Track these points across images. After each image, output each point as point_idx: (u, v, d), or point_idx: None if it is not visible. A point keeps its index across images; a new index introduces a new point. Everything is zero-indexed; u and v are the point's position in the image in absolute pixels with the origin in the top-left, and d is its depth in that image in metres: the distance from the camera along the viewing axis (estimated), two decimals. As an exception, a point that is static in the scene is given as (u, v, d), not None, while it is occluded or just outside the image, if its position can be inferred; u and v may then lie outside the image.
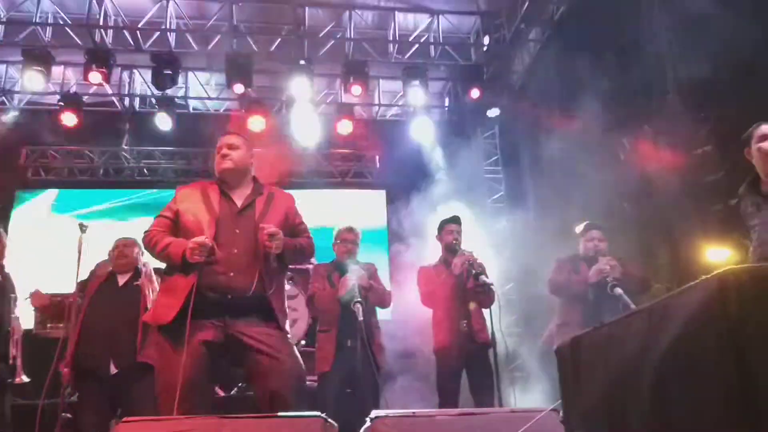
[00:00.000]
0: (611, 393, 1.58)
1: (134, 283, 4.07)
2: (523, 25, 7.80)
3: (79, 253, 4.00)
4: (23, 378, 4.15)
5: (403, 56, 8.49)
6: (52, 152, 9.12)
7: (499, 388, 4.01)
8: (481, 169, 9.24)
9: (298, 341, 6.01)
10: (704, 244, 5.11)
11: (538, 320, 6.49)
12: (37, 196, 9.05)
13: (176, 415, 2.56)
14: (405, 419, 2.59)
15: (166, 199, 3.35)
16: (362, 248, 4.89)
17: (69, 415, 4.04)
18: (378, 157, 9.58)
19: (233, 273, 2.90)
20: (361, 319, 4.10)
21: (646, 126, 5.74)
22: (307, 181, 9.32)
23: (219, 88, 9.08)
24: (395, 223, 8.32)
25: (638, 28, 5.96)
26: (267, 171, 3.61)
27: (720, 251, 4.86)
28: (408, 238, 7.14)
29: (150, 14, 7.94)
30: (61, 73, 8.57)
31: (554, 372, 4.20)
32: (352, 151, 9.57)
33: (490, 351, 4.22)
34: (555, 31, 7.64)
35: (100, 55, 7.65)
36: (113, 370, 3.87)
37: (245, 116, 8.36)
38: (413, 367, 6.01)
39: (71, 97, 8.26)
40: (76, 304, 4.08)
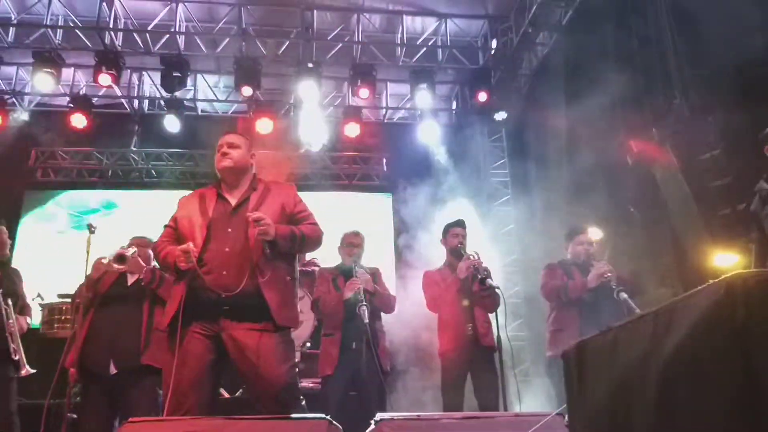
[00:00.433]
0: (616, 397, 1.57)
1: (142, 284, 4.06)
2: (530, 29, 7.81)
3: (87, 254, 4.01)
4: (29, 369, 4.11)
5: (411, 59, 8.51)
6: (61, 153, 9.17)
7: (504, 392, 4.00)
8: (488, 173, 9.23)
9: (303, 343, 6.01)
10: (711, 248, 5.08)
11: (544, 325, 6.47)
12: (45, 196, 9.09)
13: (169, 416, 2.56)
14: (410, 422, 2.59)
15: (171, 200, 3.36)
16: (368, 251, 4.89)
17: (75, 415, 4.05)
18: (385, 160, 9.59)
19: (225, 271, 2.90)
20: (366, 322, 4.09)
21: (653, 130, 5.72)
22: (313, 184, 9.34)
23: (227, 90, 9.12)
24: (401, 226, 8.32)
25: (645, 32, 5.95)
26: (273, 172, 3.61)
27: (727, 256, 4.84)
28: (414, 241, 7.14)
29: (159, 17, 7.99)
30: (71, 75, 8.62)
31: (559, 378, 4.23)
32: (359, 153, 9.57)
33: (495, 355, 4.21)
34: (562, 35, 7.63)
35: (109, 57, 7.71)
36: (113, 370, 3.83)
37: (253, 119, 8.39)
38: (418, 371, 6.00)
39: (81, 98, 8.30)
40: (82, 303, 4.08)
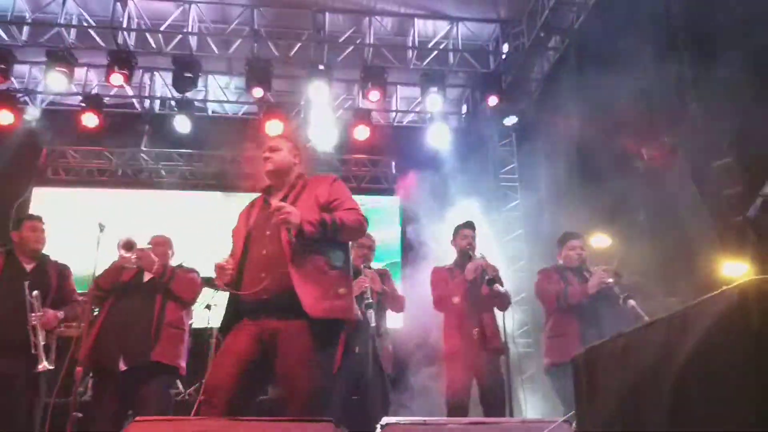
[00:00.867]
0: (628, 404, 1.55)
1: (161, 281, 4.07)
2: (542, 33, 7.78)
3: (97, 252, 4.01)
4: (46, 365, 4.04)
5: (422, 63, 8.52)
6: (72, 152, 9.22)
7: (511, 397, 3.98)
8: (498, 177, 9.21)
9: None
10: (722, 257, 5.04)
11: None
12: (56, 194, 9.13)
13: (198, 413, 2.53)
14: (416, 427, 2.57)
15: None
16: (376, 253, 4.88)
17: (80, 414, 4.05)
18: (394, 163, 9.58)
19: (264, 273, 2.87)
20: (372, 324, 4.08)
21: (665, 136, 5.68)
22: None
23: (238, 91, 9.15)
24: (410, 229, 8.30)
25: (659, 37, 5.91)
26: None
27: (737, 265, 4.79)
28: (422, 244, 7.12)
29: (172, 17, 8.04)
30: (83, 75, 8.67)
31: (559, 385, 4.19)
32: (368, 156, 9.57)
33: (502, 359, 4.19)
34: (574, 40, 7.61)
35: (122, 57, 7.75)
36: (123, 366, 3.84)
37: (263, 120, 8.41)
38: (422, 374, 5.97)
39: (93, 98, 8.35)
40: (90, 302, 4.09)
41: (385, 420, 2.55)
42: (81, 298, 4.46)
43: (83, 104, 8.26)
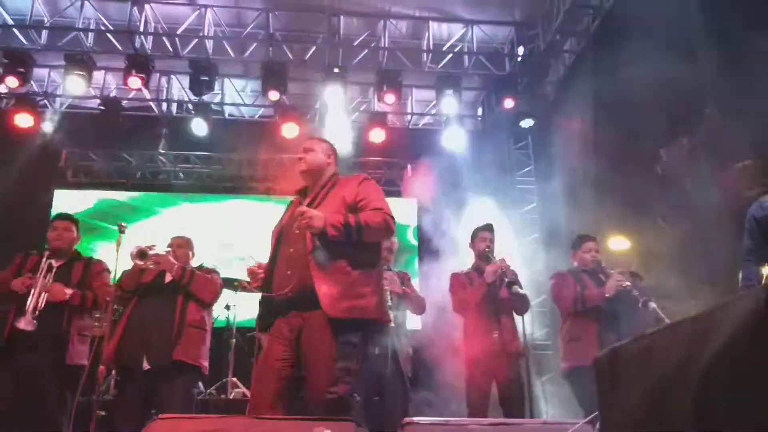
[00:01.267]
0: (652, 406, 1.55)
1: (180, 283, 4.11)
2: (558, 36, 7.77)
3: (117, 253, 4.06)
4: (23, 323, 3.87)
5: (437, 65, 8.52)
6: (91, 155, 9.33)
7: (531, 400, 3.97)
8: (514, 180, 9.19)
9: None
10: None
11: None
12: (75, 197, 9.23)
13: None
14: (437, 427, 2.58)
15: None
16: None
17: (103, 413, 4.10)
18: (409, 166, 9.59)
19: (290, 271, 2.91)
20: (392, 326, 4.09)
21: (684, 138, 5.64)
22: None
23: (254, 95, 9.21)
24: (426, 232, 8.31)
25: (676, 38, 5.88)
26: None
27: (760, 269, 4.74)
28: (438, 247, 7.13)
29: (188, 21, 8.11)
30: (101, 78, 8.77)
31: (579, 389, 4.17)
32: (383, 159, 9.59)
33: (522, 362, 4.18)
34: (590, 42, 7.58)
35: (139, 60, 7.83)
36: (146, 366, 3.89)
37: (279, 123, 8.46)
38: (442, 376, 5.97)
39: (111, 101, 8.45)
40: (113, 302, 4.14)
41: (406, 419, 2.56)
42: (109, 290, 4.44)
43: (101, 107, 8.36)
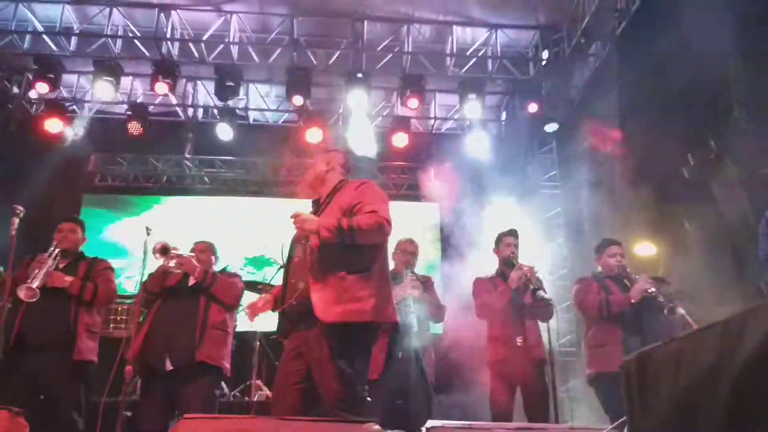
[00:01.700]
0: (683, 411, 1.53)
1: (202, 286, 4.16)
2: (583, 39, 7.71)
3: (144, 255, 4.12)
4: (24, 290, 3.93)
5: (461, 70, 8.50)
6: (119, 159, 9.47)
7: (555, 406, 3.93)
8: (538, 185, 9.12)
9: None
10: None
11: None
12: (103, 200, 9.39)
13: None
14: (461, 430, 2.56)
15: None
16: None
17: (129, 413, 4.15)
18: (433, 170, 9.57)
19: (294, 280, 3.00)
20: (415, 330, 4.08)
21: (711, 141, 5.56)
22: (361, 193, 9.38)
23: (278, 100, 9.27)
24: (449, 236, 8.29)
25: (702, 42, 5.81)
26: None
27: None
28: (461, 252, 7.10)
29: (214, 27, 8.19)
30: (128, 84, 8.91)
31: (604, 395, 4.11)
32: (407, 163, 9.59)
33: (546, 368, 4.14)
34: (616, 46, 7.51)
35: (166, 66, 7.94)
36: (169, 366, 3.94)
37: (303, 128, 8.51)
38: (465, 381, 5.94)
39: (138, 106, 8.58)
40: (139, 303, 4.20)
41: (430, 423, 2.56)
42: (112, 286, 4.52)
43: (129, 113, 8.49)
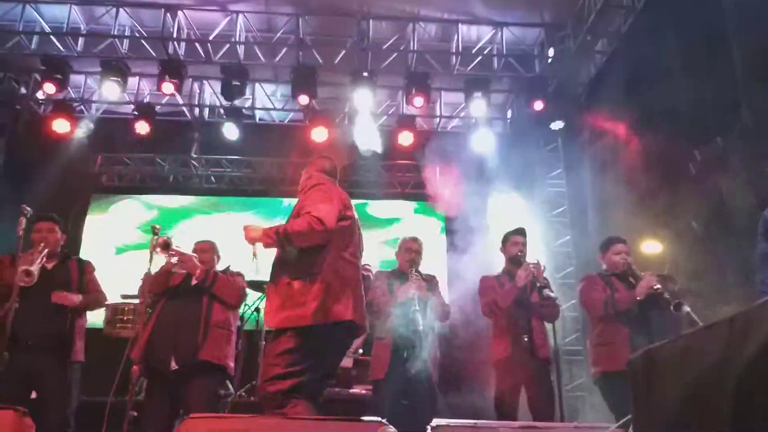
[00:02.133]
0: (689, 409, 1.52)
1: (203, 286, 4.18)
2: (589, 36, 7.69)
3: (150, 255, 4.13)
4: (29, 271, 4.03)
5: (466, 68, 8.49)
6: (126, 159, 9.51)
7: (561, 405, 3.92)
8: (544, 183, 9.11)
9: (356, 350, 6.03)
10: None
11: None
12: (110, 200, 9.43)
13: None
14: (466, 429, 2.56)
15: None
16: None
17: (135, 413, 4.16)
18: (438, 169, 9.56)
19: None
20: (420, 329, 4.08)
21: (718, 139, 5.53)
22: (366, 192, 9.41)
23: (284, 99, 9.29)
24: (454, 235, 8.28)
25: (709, 39, 5.78)
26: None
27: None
28: (467, 251, 7.09)
29: (220, 27, 8.22)
30: (135, 84, 8.94)
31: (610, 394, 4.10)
32: (412, 162, 9.59)
33: (551, 367, 4.14)
34: (622, 43, 7.48)
35: (172, 66, 7.96)
36: (173, 366, 3.96)
37: (309, 127, 8.52)
38: (469, 380, 5.95)
39: (144, 106, 8.61)
40: (144, 303, 4.22)
41: (435, 422, 2.56)
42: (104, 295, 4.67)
43: (136, 113, 8.52)
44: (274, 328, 3.01)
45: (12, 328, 3.93)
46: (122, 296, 6.69)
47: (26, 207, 4.11)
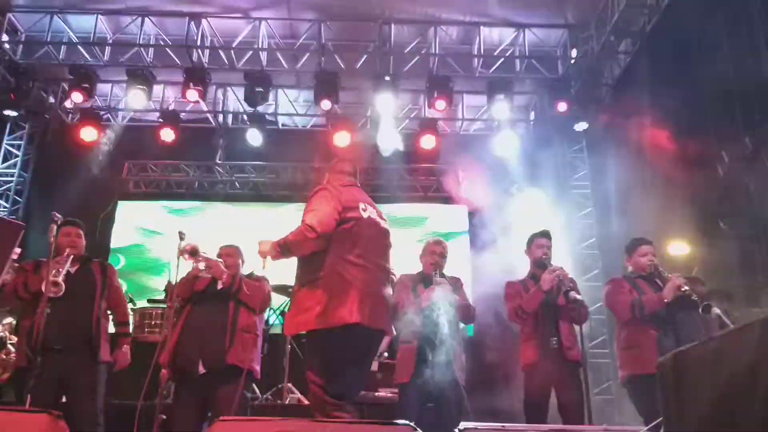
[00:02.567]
0: (720, 411, 1.51)
1: (230, 291, 4.21)
2: (612, 37, 7.62)
3: (177, 260, 4.18)
4: None
5: (488, 70, 8.47)
6: (152, 166, 9.64)
7: (589, 407, 3.88)
8: (569, 184, 9.04)
9: (380, 353, 6.03)
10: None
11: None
12: (137, 206, 9.55)
13: None
14: (494, 432, 2.56)
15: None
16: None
17: (164, 416, 4.20)
18: (461, 172, 9.54)
19: None
20: (445, 332, 4.07)
21: (746, 138, 5.45)
22: (389, 195, 9.43)
23: (307, 104, 9.35)
24: (477, 238, 8.26)
25: (734, 36, 5.70)
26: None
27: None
28: (490, 253, 7.06)
29: (243, 34, 8.31)
30: (160, 92, 9.07)
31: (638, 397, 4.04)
32: (435, 165, 9.58)
33: (581, 370, 4.10)
34: (646, 43, 7.40)
35: (197, 73, 8.07)
36: (201, 370, 3.99)
37: (331, 132, 8.57)
38: (497, 383, 5.91)
39: (170, 113, 8.73)
40: (172, 308, 4.27)
41: (463, 425, 2.55)
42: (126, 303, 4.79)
43: (161, 120, 8.65)
44: (287, 336, 3.11)
45: (41, 334, 3.97)
46: (149, 300, 6.80)
47: (57, 214, 4.18)
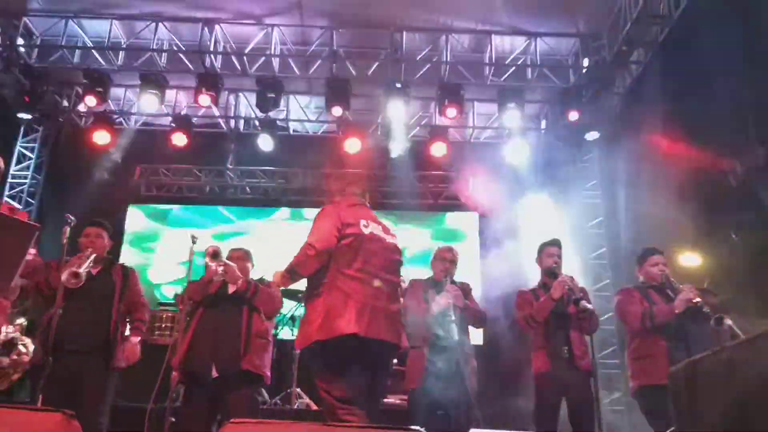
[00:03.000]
0: (734, 421, 1.50)
1: (245, 296, 4.22)
2: (624, 46, 7.60)
3: (189, 263, 4.20)
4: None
5: (499, 78, 8.48)
6: (163, 170, 9.71)
7: (599, 418, 3.87)
8: (580, 194, 9.01)
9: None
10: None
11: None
12: (149, 210, 9.61)
13: None
14: (504, 440, 2.55)
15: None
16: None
17: (173, 419, 4.22)
18: (471, 180, 9.55)
19: None
20: (455, 338, 4.07)
21: (759, 149, 5.42)
22: (400, 203, 9.44)
23: (318, 111, 9.40)
24: (487, 246, 8.25)
25: (748, 47, 5.68)
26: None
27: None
28: (500, 261, 7.06)
29: (255, 40, 8.37)
30: (173, 96, 9.13)
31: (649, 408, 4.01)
32: (445, 173, 9.59)
33: (592, 379, 4.08)
34: (658, 53, 7.39)
35: (209, 79, 8.12)
36: (214, 374, 3.98)
37: (342, 138, 8.60)
38: (508, 391, 5.89)
39: (182, 118, 8.79)
40: (184, 311, 4.28)
41: (473, 431, 2.54)
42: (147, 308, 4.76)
43: (173, 124, 8.71)
44: (298, 350, 3.17)
45: (56, 333, 3.99)
46: (159, 304, 6.83)
47: (70, 216, 4.20)
